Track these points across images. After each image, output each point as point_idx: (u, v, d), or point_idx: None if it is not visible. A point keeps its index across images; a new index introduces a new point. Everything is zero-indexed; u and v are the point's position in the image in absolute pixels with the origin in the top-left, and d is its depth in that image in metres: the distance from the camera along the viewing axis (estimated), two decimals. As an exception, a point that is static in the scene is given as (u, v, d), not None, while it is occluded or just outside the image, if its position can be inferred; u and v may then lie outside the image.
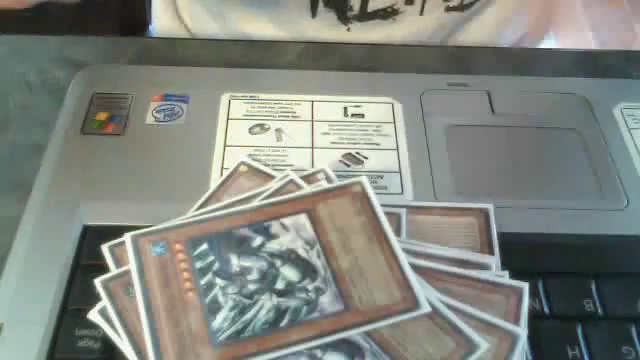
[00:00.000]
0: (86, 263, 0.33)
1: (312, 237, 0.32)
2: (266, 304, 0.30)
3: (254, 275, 0.31)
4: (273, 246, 0.32)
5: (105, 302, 0.30)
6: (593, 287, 0.32)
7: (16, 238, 0.34)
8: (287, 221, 0.33)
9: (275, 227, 0.32)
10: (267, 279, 0.31)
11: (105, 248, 0.32)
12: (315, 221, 0.33)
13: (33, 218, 0.35)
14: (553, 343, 0.31)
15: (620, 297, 0.32)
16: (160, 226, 0.32)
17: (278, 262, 0.31)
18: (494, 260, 0.32)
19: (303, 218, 0.33)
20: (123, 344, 0.29)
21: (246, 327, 0.29)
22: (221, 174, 0.37)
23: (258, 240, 0.32)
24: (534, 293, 0.32)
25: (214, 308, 0.30)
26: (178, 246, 0.32)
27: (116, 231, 0.33)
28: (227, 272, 0.31)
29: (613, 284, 0.32)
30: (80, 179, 0.36)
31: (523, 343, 0.29)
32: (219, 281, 0.31)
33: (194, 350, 0.28)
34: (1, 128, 0.40)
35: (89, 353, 0.30)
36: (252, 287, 0.30)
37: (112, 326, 0.29)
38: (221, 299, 0.30)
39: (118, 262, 0.32)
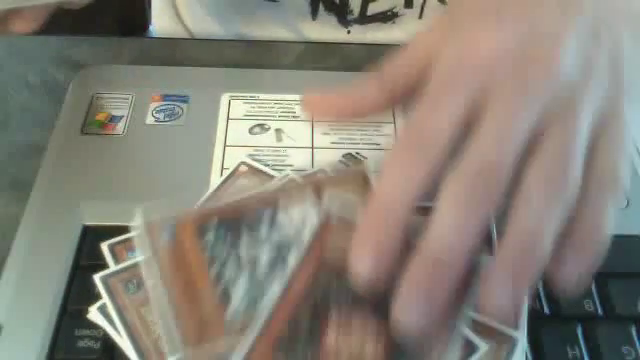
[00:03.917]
0: (86, 263, 0.33)
1: None
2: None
3: (263, 262, 0.31)
4: (280, 233, 0.32)
5: (104, 299, 0.30)
6: (593, 287, 0.32)
7: (16, 238, 0.34)
8: (293, 209, 0.33)
9: (281, 215, 0.33)
10: (276, 266, 0.31)
11: (105, 246, 0.32)
12: (320, 208, 0.33)
13: (33, 218, 0.35)
14: (553, 343, 0.31)
15: (620, 297, 0.32)
16: (167, 214, 0.33)
17: (286, 249, 0.32)
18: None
19: (308, 206, 0.33)
20: (123, 341, 0.29)
21: (257, 317, 0.29)
22: (221, 174, 0.37)
23: (266, 226, 0.32)
24: (534, 293, 0.32)
25: (226, 295, 0.30)
26: (187, 234, 0.32)
27: (116, 231, 0.33)
28: (236, 259, 0.31)
29: (613, 284, 0.32)
30: (80, 179, 0.36)
31: (522, 346, 0.29)
32: (229, 269, 0.31)
33: (208, 335, 0.28)
34: (1, 128, 0.40)
35: (89, 353, 0.30)
36: (263, 272, 0.31)
37: (112, 324, 0.29)
38: (232, 286, 0.30)
39: (118, 261, 0.32)
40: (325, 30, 0.51)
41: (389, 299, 0.26)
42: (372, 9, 0.50)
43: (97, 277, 0.31)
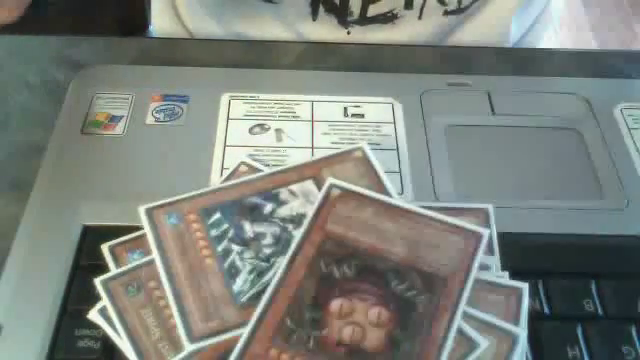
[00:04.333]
0: (86, 263, 0.33)
1: None
2: None
3: (268, 240, 0.32)
4: (284, 211, 0.33)
5: (105, 302, 0.30)
6: (593, 287, 0.32)
7: (16, 238, 0.34)
8: (295, 187, 0.34)
9: (284, 194, 0.34)
10: (281, 242, 0.32)
11: (105, 248, 0.32)
12: (322, 186, 0.34)
13: (33, 218, 0.35)
14: (553, 343, 0.31)
15: (620, 297, 0.32)
16: (172, 198, 0.33)
17: (290, 226, 0.32)
18: (494, 260, 0.32)
19: (310, 184, 0.34)
20: (123, 344, 0.29)
21: (266, 288, 0.30)
22: (221, 174, 0.37)
23: (269, 207, 0.33)
24: (534, 293, 0.32)
25: (233, 272, 0.31)
26: (192, 216, 0.33)
27: (116, 231, 0.33)
28: (242, 238, 0.32)
29: (613, 284, 0.32)
30: (80, 179, 0.36)
31: (523, 344, 0.29)
32: (235, 247, 0.32)
33: (219, 311, 0.29)
34: (1, 128, 0.40)
35: (89, 353, 0.30)
36: (267, 251, 0.31)
37: (112, 326, 0.29)
38: (239, 264, 0.31)
39: (118, 262, 0.32)
40: (325, 31, 0.52)
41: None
42: (372, 10, 0.50)
43: (98, 281, 0.31)
